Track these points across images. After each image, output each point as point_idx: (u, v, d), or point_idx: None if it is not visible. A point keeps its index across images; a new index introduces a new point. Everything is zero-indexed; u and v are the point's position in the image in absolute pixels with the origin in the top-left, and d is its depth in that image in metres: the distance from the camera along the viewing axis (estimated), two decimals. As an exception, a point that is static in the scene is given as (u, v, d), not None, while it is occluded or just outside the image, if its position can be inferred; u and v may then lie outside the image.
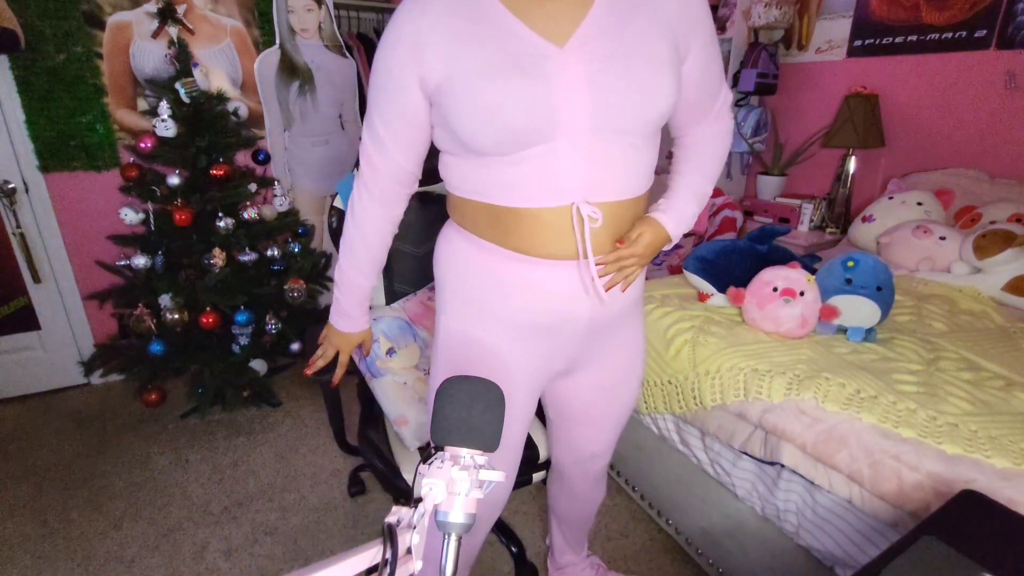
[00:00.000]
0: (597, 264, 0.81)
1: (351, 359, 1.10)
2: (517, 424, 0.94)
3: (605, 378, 0.99)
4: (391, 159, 0.84)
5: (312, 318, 2.21)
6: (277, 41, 2.34)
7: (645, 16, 0.75)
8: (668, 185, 0.96)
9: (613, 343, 0.95)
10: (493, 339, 0.88)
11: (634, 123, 0.75)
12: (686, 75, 0.81)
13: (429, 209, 1.30)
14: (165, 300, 1.98)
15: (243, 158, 2.31)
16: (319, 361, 1.07)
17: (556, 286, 0.83)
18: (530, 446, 1.23)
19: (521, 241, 0.80)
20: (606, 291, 0.83)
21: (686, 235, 2.68)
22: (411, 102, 0.77)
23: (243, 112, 2.20)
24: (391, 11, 4.01)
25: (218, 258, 1.98)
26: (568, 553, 1.38)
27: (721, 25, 2.79)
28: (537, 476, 1.28)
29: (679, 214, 0.91)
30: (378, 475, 1.22)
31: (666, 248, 0.92)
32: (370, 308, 1.07)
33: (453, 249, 0.89)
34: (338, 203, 1.27)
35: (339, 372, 1.08)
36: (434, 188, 1.32)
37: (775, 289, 1.29)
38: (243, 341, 2.10)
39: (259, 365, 2.11)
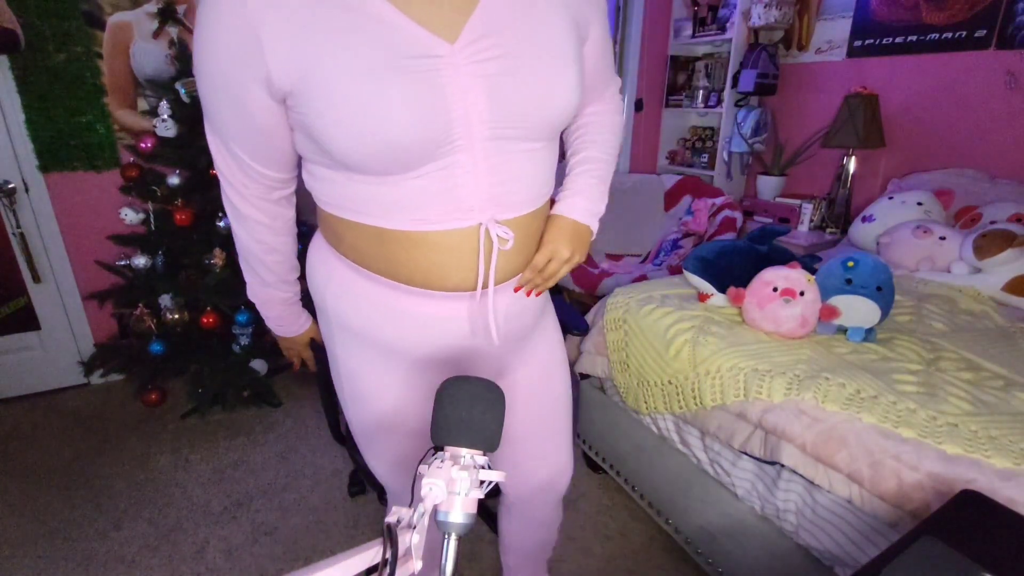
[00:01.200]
0: (516, 288, 0.74)
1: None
2: None
3: (531, 383, 0.91)
4: (255, 174, 0.69)
5: (313, 318, 2.21)
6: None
7: (543, 2, 0.64)
8: (569, 170, 0.85)
9: (526, 349, 0.87)
10: (399, 379, 0.79)
11: (538, 128, 0.66)
12: (585, 57, 0.72)
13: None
14: (165, 300, 1.98)
15: (243, 158, 2.31)
16: (295, 364, 1.02)
17: (465, 320, 0.74)
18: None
19: (416, 272, 0.68)
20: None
21: (686, 235, 2.68)
22: (260, 108, 0.61)
23: (243, 112, 2.20)
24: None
25: (218, 258, 1.98)
26: None
27: (721, 25, 2.79)
28: None
29: (577, 195, 0.80)
30: (361, 469, 1.22)
31: (671, 246, 0.90)
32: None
33: (330, 274, 0.76)
34: None
35: (307, 362, 1.01)
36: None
37: (775, 289, 1.29)
38: (243, 341, 2.10)
39: (259, 365, 2.11)
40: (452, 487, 0.48)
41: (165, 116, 1.89)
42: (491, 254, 0.68)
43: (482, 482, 0.50)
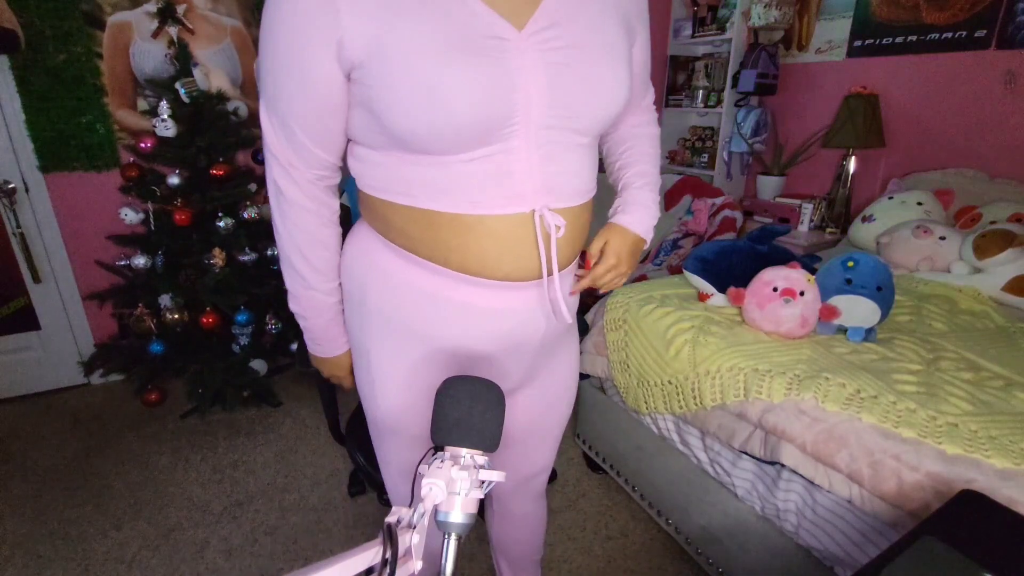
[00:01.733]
0: (578, 277, 0.74)
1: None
2: None
3: (547, 393, 0.91)
4: (309, 155, 0.68)
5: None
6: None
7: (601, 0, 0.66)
8: (615, 186, 0.88)
9: (556, 356, 0.87)
10: (436, 373, 0.76)
11: (589, 121, 0.67)
12: (633, 59, 0.74)
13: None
14: (165, 300, 1.98)
15: (243, 158, 2.31)
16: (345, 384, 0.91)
17: (513, 312, 0.72)
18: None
19: (469, 259, 0.67)
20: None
21: (686, 235, 2.68)
22: (326, 79, 0.61)
23: (243, 112, 2.20)
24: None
25: (218, 258, 1.98)
26: None
27: (721, 25, 2.79)
28: None
29: (641, 208, 0.82)
30: (360, 469, 1.22)
31: (671, 246, 0.90)
32: None
33: (372, 262, 0.73)
34: (345, 200, 1.27)
35: (350, 382, 0.90)
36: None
37: (775, 289, 1.29)
38: (243, 341, 2.10)
39: (259, 365, 2.11)
40: (452, 487, 0.48)
41: (165, 116, 1.89)
42: (548, 241, 0.68)
43: (482, 482, 0.50)
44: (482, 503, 1.13)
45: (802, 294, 1.27)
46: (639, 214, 0.83)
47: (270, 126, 0.67)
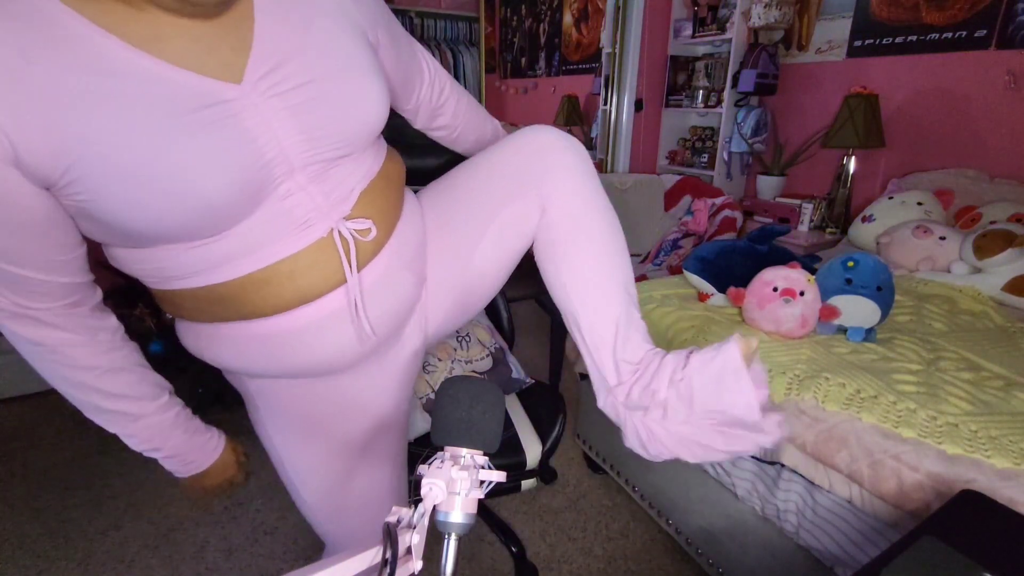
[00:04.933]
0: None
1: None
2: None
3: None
4: (44, 285, 0.55)
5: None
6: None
7: (321, 22, 0.59)
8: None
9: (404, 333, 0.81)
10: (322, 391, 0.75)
11: (351, 143, 0.63)
12: (384, 65, 0.70)
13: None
14: (165, 300, 1.97)
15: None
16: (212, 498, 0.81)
17: (341, 321, 0.67)
18: (517, 451, 1.21)
19: (269, 304, 0.62)
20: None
21: (686, 235, 2.68)
22: (19, 195, 0.49)
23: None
24: (400, 12, 4.01)
25: (218, 258, 1.98)
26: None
27: (721, 25, 2.79)
28: (526, 484, 1.26)
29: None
30: None
31: (671, 246, 0.90)
32: None
33: (207, 342, 0.69)
34: None
35: (239, 477, 0.85)
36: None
37: (775, 289, 1.29)
38: (243, 341, 2.10)
39: (259, 365, 2.11)
40: (452, 487, 0.48)
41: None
42: (349, 250, 0.63)
43: (482, 482, 0.50)
44: (485, 505, 1.13)
45: (802, 294, 1.27)
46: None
47: None
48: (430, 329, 0.84)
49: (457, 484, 0.48)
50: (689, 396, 0.70)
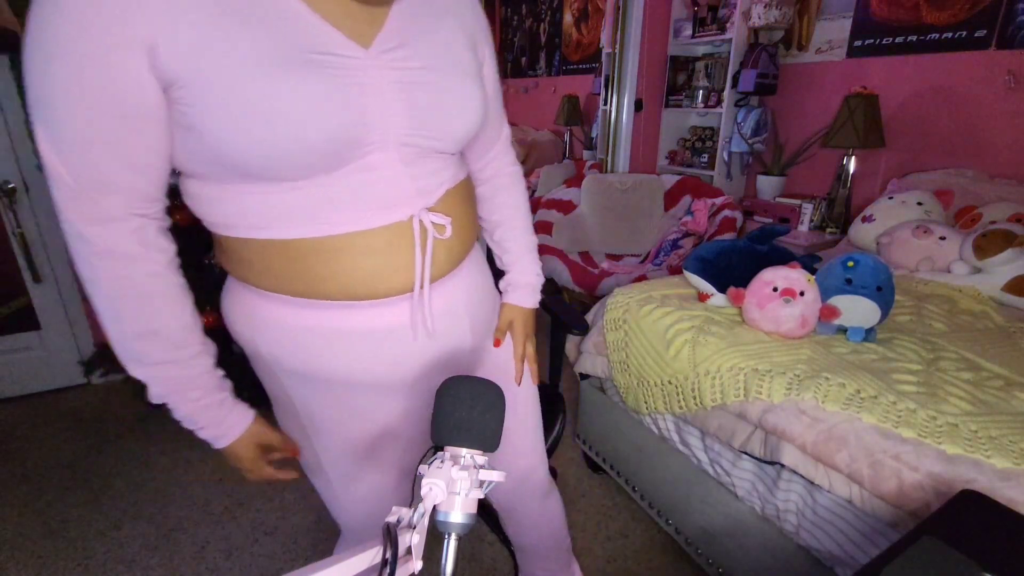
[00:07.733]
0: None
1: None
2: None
3: (492, 370, 0.89)
4: (122, 184, 0.55)
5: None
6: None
7: (448, 20, 0.66)
8: (499, 243, 0.90)
9: (483, 365, 0.87)
10: (360, 409, 0.75)
11: (450, 141, 0.66)
12: (485, 79, 0.74)
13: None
14: (165, 300, 1.97)
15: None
16: (265, 475, 0.81)
17: (400, 331, 0.69)
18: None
19: (344, 283, 0.62)
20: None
21: (686, 235, 2.68)
22: (136, 85, 0.50)
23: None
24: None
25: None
26: None
27: (721, 25, 2.79)
28: None
29: (528, 289, 0.89)
30: None
31: (671, 246, 0.92)
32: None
33: (251, 313, 0.70)
34: None
35: (266, 475, 0.82)
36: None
37: (775, 289, 1.29)
38: (243, 341, 2.10)
39: (259, 365, 2.11)
40: (452, 487, 0.48)
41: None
42: (427, 247, 0.66)
43: (482, 482, 0.50)
44: (485, 505, 1.14)
45: (802, 294, 1.27)
46: (524, 291, 0.89)
47: (56, 156, 0.52)
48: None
49: (457, 484, 0.48)
50: None
